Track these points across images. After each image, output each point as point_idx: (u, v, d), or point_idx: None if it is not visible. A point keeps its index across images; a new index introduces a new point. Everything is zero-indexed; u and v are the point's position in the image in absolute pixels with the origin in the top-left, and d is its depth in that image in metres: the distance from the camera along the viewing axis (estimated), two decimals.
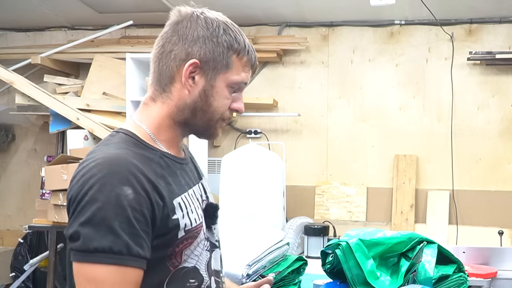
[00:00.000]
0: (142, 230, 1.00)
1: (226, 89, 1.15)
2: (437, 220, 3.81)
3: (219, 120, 1.17)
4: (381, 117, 3.98)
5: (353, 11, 3.84)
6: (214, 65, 1.13)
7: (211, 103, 1.14)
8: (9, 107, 4.21)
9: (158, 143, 1.14)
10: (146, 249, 1.01)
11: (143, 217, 1.01)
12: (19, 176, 4.45)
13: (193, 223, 1.11)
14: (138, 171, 1.03)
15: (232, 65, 1.15)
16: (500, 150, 3.83)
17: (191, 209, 1.12)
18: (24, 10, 3.98)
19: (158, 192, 1.04)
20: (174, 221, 1.07)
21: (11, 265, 4.12)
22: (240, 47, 1.16)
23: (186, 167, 1.20)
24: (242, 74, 1.16)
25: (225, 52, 1.14)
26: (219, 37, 1.14)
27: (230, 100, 1.16)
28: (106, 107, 3.78)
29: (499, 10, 3.72)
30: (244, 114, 4.04)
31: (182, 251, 1.09)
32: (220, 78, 1.14)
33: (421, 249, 1.61)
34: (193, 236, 1.11)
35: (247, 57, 1.17)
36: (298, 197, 4.00)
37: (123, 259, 0.98)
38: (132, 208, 0.99)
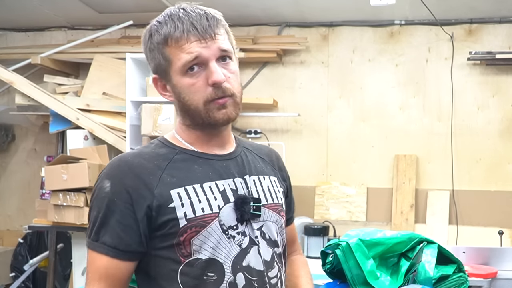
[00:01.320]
0: (116, 220, 1.08)
1: (184, 78, 1.13)
2: (437, 220, 3.81)
3: (205, 104, 1.14)
4: (381, 117, 3.98)
5: (353, 11, 3.84)
6: (162, 69, 1.16)
7: (184, 99, 1.15)
8: (9, 107, 4.21)
9: (186, 143, 1.20)
10: (118, 239, 1.09)
11: (117, 208, 1.09)
12: (19, 176, 4.45)
13: (198, 212, 1.11)
14: (126, 166, 1.12)
15: (169, 55, 1.13)
16: (500, 150, 3.83)
17: (198, 199, 1.12)
18: (24, 10, 3.98)
19: (146, 185, 1.10)
20: (169, 210, 1.10)
21: (11, 265, 4.12)
22: (163, 35, 1.13)
23: (218, 163, 1.20)
24: (182, 56, 1.11)
25: (158, 51, 1.15)
26: (150, 44, 1.16)
27: (198, 83, 1.13)
28: (106, 107, 3.78)
29: (499, 10, 3.72)
30: (244, 114, 4.04)
31: (189, 241, 1.10)
32: (172, 75, 1.14)
33: (421, 249, 1.61)
34: (200, 225, 1.10)
35: (171, 36, 1.11)
36: (298, 197, 3.95)
37: (93, 244, 1.11)
38: (107, 199, 1.10)
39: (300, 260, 1.46)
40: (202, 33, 1.11)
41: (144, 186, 1.10)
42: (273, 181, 1.30)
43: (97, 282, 1.09)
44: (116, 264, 1.10)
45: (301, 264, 1.44)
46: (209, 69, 1.12)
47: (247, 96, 4.08)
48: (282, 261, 1.25)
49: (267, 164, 1.32)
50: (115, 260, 1.09)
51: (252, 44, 3.98)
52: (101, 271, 1.09)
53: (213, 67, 1.12)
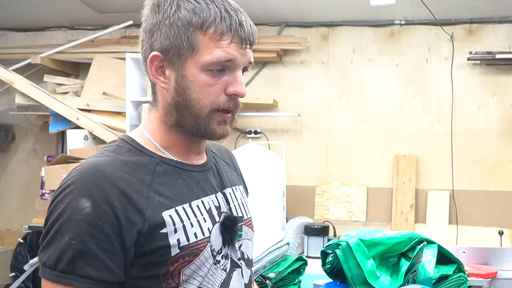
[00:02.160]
0: (101, 248, 0.89)
1: (203, 74, 0.97)
2: (437, 220, 3.81)
3: (212, 113, 0.99)
4: (381, 117, 3.98)
5: (353, 11, 3.83)
6: (177, 51, 0.97)
7: (190, 96, 0.97)
8: (9, 107, 4.21)
9: (162, 149, 1.02)
10: (104, 270, 0.90)
11: (102, 234, 0.89)
12: (19, 176, 4.45)
13: (192, 238, 0.97)
14: (107, 181, 0.92)
15: (198, 44, 0.95)
16: (500, 150, 3.83)
17: (190, 222, 0.97)
18: (24, 10, 3.98)
19: (134, 206, 0.92)
20: (161, 236, 0.94)
21: (11, 265, 4.12)
22: (203, 19, 0.95)
23: (199, 175, 1.05)
24: (217, 52, 0.95)
25: (184, 32, 0.95)
26: (174, 18, 0.96)
27: (215, 86, 0.98)
28: (106, 107, 3.78)
29: (499, 10, 3.72)
30: (244, 114, 4.04)
31: (179, 271, 0.95)
32: (189, 64, 0.97)
33: (421, 249, 1.61)
34: (193, 254, 0.96)
35: (215, 27, 0.95)
36: (298, 197, 4.00)
37: (67, 278, 0.89)
38: (87, 223, 0.89)
39: None
40: (246, 38, 0.97)
41: (133, 208, 0.92)
42: (241, 190, 1.17)
43: None
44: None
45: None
46: (235, 77, 0.99)
47: (247, 96, 4.06)
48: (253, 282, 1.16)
49: (232, 170, 1.20)
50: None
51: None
52: None
53: (239, 77, 0.99)
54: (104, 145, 1.05)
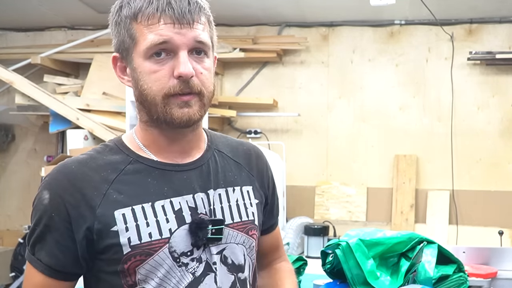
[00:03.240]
0: (52, 237, 0.97)
1: (147, 62, 0.97)
2: (437, 220, 3.81)
3: (164, 98, 0.98)
4: (381, 117, 3.98)
5: (353, 11, 3.84)
6: (124, 46, 1.01)
7: (142, 87, 0.99)
8: (9, 107, 4.21)
9: (144, 148, 1.04)
10: (53, 258, 0.97)
11: (55, 225, 0.96)
12: (19, 176, 4.45)
13: (145, 238, 0.97)
14: (66, 178, 0.98)
15: (136, 33, 0.98)
16: (500, 150, 3.83)
17: (146, 222, 0.97)
18: (24, 10, 3.98)
19: (87, 202, 0.96)
20: (112, 234, 0.96)
21: (11, 265, 4.12)
22: (133, 9, 0.97)
23: (177, 174, 1.03)
24: (150, 35, 0.95)
25: (125, 27, 1.00)
26: (117, 16, 1.02)
27: (161, 72, 0.97)
28: (106, 107, 3.78)
29: (499, 10, 3.72)
30: (244, 114, 4.04)
31: (134, 269, 0.97)
32: (135, 56, 0.99)
33: (421, 249, 1.61)
34: (145, 254, 0.97)
35: (143, 12, 0.96)
36: (298, 197, 4.00)
37: (31, 258, 1.00)
38: (44, 212, 0.98)
39: (285, 269, 1.30)
40: (179, 16, 0.95)
41: (85, 204, 0.96)
42: (246, 192, 1.13)
43: None
44: (51, 282, 0.98)
45: (287, 273, 1.29)
46: (178, 58, 0.96)
47: (247, 96, 4.08)
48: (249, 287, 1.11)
49: (241, 170, 1.15)
50: (51, 279, 0.98)
51: (252, 44, 3.98)
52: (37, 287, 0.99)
53: (182, 57, 0.96)
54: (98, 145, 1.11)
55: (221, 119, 4.08)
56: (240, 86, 4.14)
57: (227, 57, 3.92)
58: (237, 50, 3.92)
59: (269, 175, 1.23)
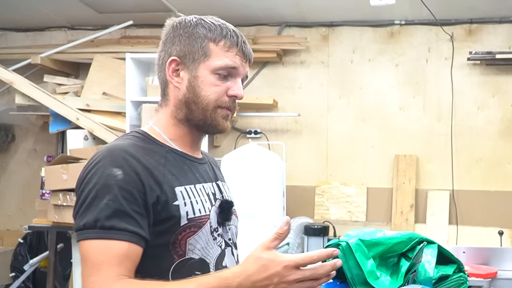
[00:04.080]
0: (132, 208, 1.07)
1: (212, 76, 1.19)
2: (437, 220, 3.81)
3: (215, 108, 1.20)
4: (381, 117, 3.98)
5: (353, 11, 3.84)
6: (192, 57, 1.20)
7: (199, 93, 1.19)
8: (9, 107, 4.21)
9: (170, 141, 1.23)
10: (137, 226, 1.07)
11: (132, 197, 1.08)
12: (19, 176, 4.45)
13: (197, 213, 1.16)
14: (132, 157, 1.11)
15: (210, 52, 1.20)
16: (500, 150, 3.83)
17: (195, 200, 1.17)
18: (24, 10, 3.98)
19: (154, 178, 1.12)
20: (174, 207, 1.12)
21: (11, 265, 4.12)
22: (215, 34, 1.20)
23: (199, 166, 1.26)
24: (225, 59, 1.19)
25: (200, 42, 1.20)
26: (192, 31, 1.21)
27: (220, 87, 1.20)
28: (106, 107, 3.78)
29: (499, 10, 3.72)
30: (244, 114, 4.04)
31: (186, 240, 1.13)
32: (201, 68, 1.20)
33: (421, 249, 1.61)
34: (198, 226, 1.15)
35: (225, 41, 1.20)
36: (298, 197, 4.00)
37: (108, 232, 1.05)
38: (119, 187, 1.07)
39: None
40: (247, 54, 1.23)
41: (153, 179, 1.12)
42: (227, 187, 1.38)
43: (116, 268, 1.04)
44: (137, 250, 1.07)
45: None
46: (236, 83, 1.22)
47: (247, 96, 4.08)
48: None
49: (218, 171, 1.40)
50: (136, 246, 1.07)
51: (252, 44, 3.98)
52: (121, 257, 1.05)
53: (239, 83, 1.23)
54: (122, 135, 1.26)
55: None
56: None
57: None
58: None
59: None
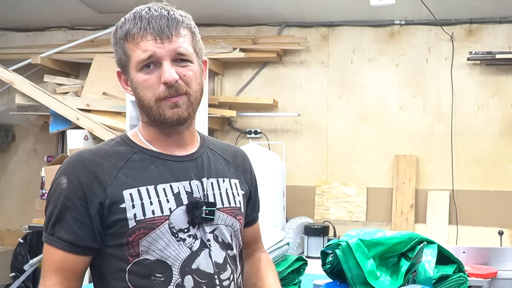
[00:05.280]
0: (71, 216, 1.12)
1: (139, 74, 1.16)
2: (437, 220, 3.81)
3: (157, 102, 1.16)
4: (381, 117, 3.98)
5: (353, 11, 3.84)
6: (122, 63, 1.21)
7: (139, 94, 1.18)
8: (9, 107, 4.21)
9: (146, 142, 1.22)
10: (73, 234, 1.12)
11: (73, 204, 1.12)
12: (19, 176, 4.45)
13: (149, 214, 1.14)
14: (81, 163, 1.15)
15: (128, 51, 1.17)
16: (500, 150, 3.83)
17: (150, 201, 1.14)
18: (24, 10, 3.98)
19: (100, 183, 1.13)
20: (120, 210, 1.13)
21: (11, 265, 4.12)
22: (125, 31, 1.17)
23: (176, 164, 1.21)
24: (137, 52, 1.15)
25: (120, 47, 1.19)
26: (114, 38, 1.21)
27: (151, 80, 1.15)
28: (106, 107, 3.78)
29: (499, 10, 3.72)
30: (244, 114, 4.04)
31: (137, 242, 1.13)
32: (131, 70, 1.18)
33: (421, 249, 1.61)
34: (148, 227, 1.13)
35: (131, 33, 1.15)
36: (298, 197, 4.00)
37: (50, 239, 1.14)
38: (64, 195, 1.13)
39: (266, 258, 1.48)
40: (159, 33, 1.14)
41: (98, 184, 1.13)
42: (234, 184, 1.31)
43: (53, 275, 1.13)
44: (71, 258, 1.13)
45: (267, 262, 1.47)
46: (162, 68, 1.15)
47: (247, 96, 4.09)
48: (237, 263, 1.27)
49: (230, 166, 1.33)
50: (70, 254, 1.13)
51: (252, 44, 3.98)
52: (57, 265, 1.13)
53: (165, 67, 1.15)
54: None
55: (221, 119, 4.08)
56: (240, 86, 4.14)
57: (227, 57, 3.92)
58: (237, 50, 3.92)
59: (253, 174, 1.43)
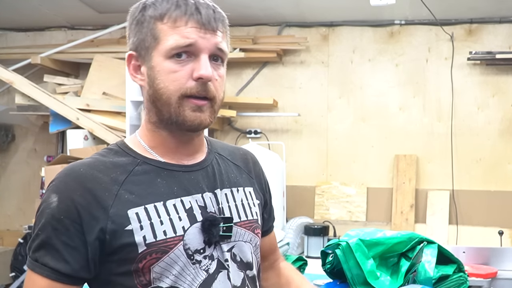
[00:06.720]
0: (60, 240, 0.94)
1: (167, 62, 0.99)
2: (437, 220, 3.81)
3: (180, 99, 0.99)
4: (381, 117, 3.98)
5: (353, 11, 3.84)
6: (144, 45, 1.01)
7: (158, 86, 1.00)
8: (9, 107, 4.21)
9: (151, 151, 1.06)
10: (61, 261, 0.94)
11: (63, 227, 0.94)
12: (19, 176, 4.45)
13: (160, 236, 0.97)
14: (75, 180, 0.97)
15: (159, 33, 0.99)
16: (500, 150, 3.83)
17: (160, 220, 0.98)
18: (24, 10, 3.98)
19: (100, 203, 0.96)
20: (127, 233, 0.96)
21: (11, 265, 4.12)
22: (161, 11, 0.99)
23: (185, 175, 1.05)
24: (174, 36, 0.97)
25: (147, 26, 1.00)
26: (139, 16, 1.02)
27: (180, 72, 0.98)
28: (106, 107, 3.78)
29: (499, 10, 3.72)
30: (244, 114, 4.04)
31: (149, 268, 0.96)
32: (155, 55, 1.00)
33: (421, 249, 1.61)
34: (161, 251, 0.97)
35: (169, 14, 0.98)
36: (298, 197, 4.00)
37: (33, 264, 0.96)
38: (52, 216, 0.95)
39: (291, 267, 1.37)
40: (205, 21, 0.99)
41: (97, 205, 0.96)
42: (248, 192, 1.16)
43: None
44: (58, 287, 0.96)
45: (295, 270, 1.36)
46: (199, 61, 0.99)
47: (247, 96, 4.08)
48: (256, 284, 1.12)
49: (242, 173, 1.18)
50: (57, 283, 0.95)
51: (252, 44, 3.98)
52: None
53: (203, 60, 0.99)
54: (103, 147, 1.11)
55: (221, 119, 4.08)
56: (240, 86, 4.14)
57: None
58: (237, 50, 3.92)
59: (266, 180, 1.27)
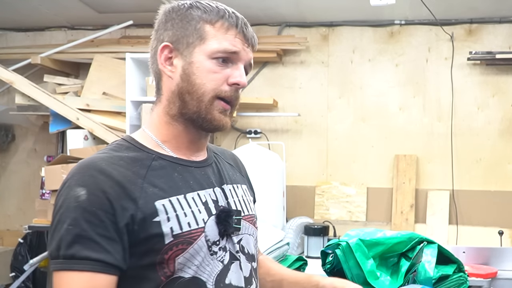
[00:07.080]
0: (97, 232, 0.94)
1: (209, 62, 1.06)
2: (437, 220, 3.81)
3: (213, 99, 1.06)
4: (381, 117, 3.98)
5: (353, 11, 3.83)
6: (186, 41, 1.07)
7: (194, 81, 1.05)
8: (9, 107, 4.21)
9: (161, 144, 1.09)
10: (103, 252, 0.94)
11: (97, 219, 0.94)
12: (19, 176, 4.45)
13: (185, 227, 1.01)
14: (101, 172, 0.98)
15: (206, 34, 1.06)
16: (500, 150, 3.83)
17: (184, 212, 1.02)
18: (24, 10, 3.98)
19: (128, 194, 0.97)
20: (155, 224, 0.98)
21: (11, 265, 4.12)
22: (212, 15, 1.07)
23: (197, 170, 1.10)
24: (224, 42, 1.06)
25: (194, 24, 1.07)
26: (186, 14, 1.08)
27: (219, 74, 1.06)
28: (106, 107, 3.78)
29: (499, 10, 3.72)
30: (244, 114, 4.04)
31: (174, 259, 0.99)
32: (197, 52, 1.06)
33: (421, 249, 1.61)
34: (187, 242, 1.00)
35: (223, 21, 1.07)
36: (298, 197, 4.00)
37: (68, 263, 0.93)
38: (82, 209, 0.94)
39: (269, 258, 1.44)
40: (249, 38, 1.11)
41: (126, 196, 0.97)
42: (245, 189, 1.23)
43: None
44: (103, 279, 0.94)
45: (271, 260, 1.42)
46: (237, 69, 1.08)
47: (247, 96, 4.08)
48: (257, 276, 1.19)
49: (236, 171, 1.26)
50: (102, 275, 0.94)
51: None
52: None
53: (241, 69, 1.09)
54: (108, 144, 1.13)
55: None
56: None
57: None
58: None
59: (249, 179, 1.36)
